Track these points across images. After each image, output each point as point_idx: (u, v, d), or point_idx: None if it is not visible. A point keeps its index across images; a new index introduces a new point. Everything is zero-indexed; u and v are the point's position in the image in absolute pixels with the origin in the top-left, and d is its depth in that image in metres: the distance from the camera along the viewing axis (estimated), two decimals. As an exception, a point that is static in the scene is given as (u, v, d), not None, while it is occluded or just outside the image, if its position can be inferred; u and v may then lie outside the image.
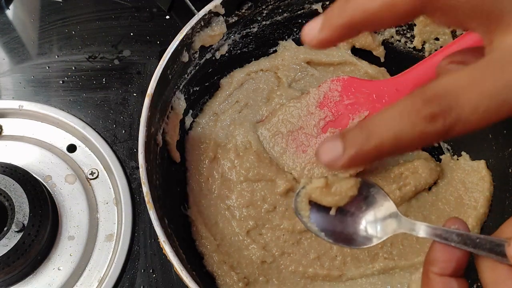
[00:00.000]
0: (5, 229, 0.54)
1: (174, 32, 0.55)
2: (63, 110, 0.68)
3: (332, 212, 0.36)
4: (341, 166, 0.28)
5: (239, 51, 0.64)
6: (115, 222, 0.62)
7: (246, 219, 0.57)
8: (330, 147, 0.28)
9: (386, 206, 0.35)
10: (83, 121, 0.67)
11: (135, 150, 0.66)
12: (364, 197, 0.36)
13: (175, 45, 0.54)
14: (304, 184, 0.37)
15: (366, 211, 0.35)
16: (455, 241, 0.31)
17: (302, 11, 0.63)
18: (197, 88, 0.62)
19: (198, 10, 0.56)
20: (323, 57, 0.65)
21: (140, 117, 0.50)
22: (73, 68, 0.72)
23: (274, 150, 0.60)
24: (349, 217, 0.35)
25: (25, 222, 0.54)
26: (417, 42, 0.63)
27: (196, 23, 0.55)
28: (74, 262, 0.59)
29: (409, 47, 0.65)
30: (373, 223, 0.35)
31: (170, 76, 0.55)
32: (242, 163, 0.59)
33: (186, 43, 0.55)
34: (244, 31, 0.63)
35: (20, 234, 0.54)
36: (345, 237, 0.35)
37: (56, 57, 0.73)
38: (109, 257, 0.60)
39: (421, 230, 0.33)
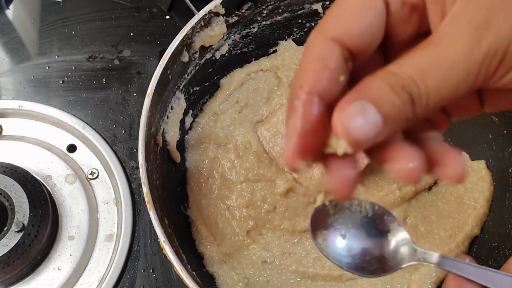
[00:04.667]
0: (5, 229, 0.54)
1: (174, 32, 0.55)
2: (63, 110, 0.67)
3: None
4: (382, 135, 0.25)
5: (239, 51, 0.64)
6: (115, 222, 0.62)
7: (246, 219, 0.57)
8: (357, 113, 0.25)
9: (400, 236, 0.35)
10: (83, 121, 0.67)
11: (135, 150, 0.66)
12: (377, 225, 0.35)
13: (175, 45, 0.54)
14: (321, 202, 0.36)
15: (380, 240, 0.35)
16: (471, 274, 0.31)
17: (302, 11, 0.63)
18: (197, 88, 0.62)
19: (198, 10, 0.56)
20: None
21: (140, 117, 0.50)
22: (73, 68, 0.72)
23: (274, 150, 0.60)
24: (362, 245, 0.35)
25: (25, 222, 0.54)
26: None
27: (196, 23, 0.55)
28: (74, 262, 0.59)
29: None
30: (387, 252, 0.35)
31: (170, 76, 0.55)
32: (242, 163, 0.59)
33: (186, 43, 0.55)
34: (244, 31, 0.63)
35: (20, 234, 0.54)
36: (357, 264, 0.35)
37: (56, 57, 0.73)
38: (109, 257, 0.60)
39: (436, 260, 0.33)
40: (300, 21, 0.64)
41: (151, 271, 0.60)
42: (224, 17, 0.58)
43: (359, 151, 0.26)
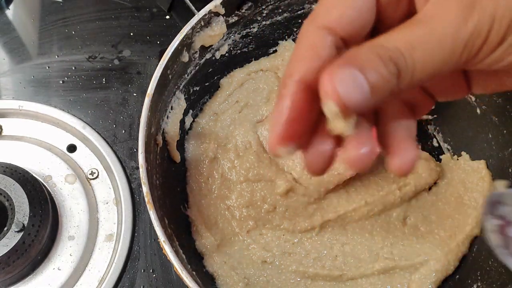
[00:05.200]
0: (5, 229, 0.54)
1: (174, 32, 0.55)
2: (63, 110, 0.68)
3: None
4: (367, 104, 0.25)
5: (239, 51, 0.64)
6: (115, 222, 0.62)
7: (246, 219, 0.57)
8: (347, 78, 0.25)
9: None
10: (83, 121, 0.67)
11: (135, 150, 0.66)
12: None
13: (175, 45, 0.54)
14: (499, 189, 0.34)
15: None
16: None
17: (302, 11, 0.63)
18: (197, 88, 0.62)
19: (198, 10, 0.56)
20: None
21: (140, 117, 0.50)
22: (73, 68, 0.72)
23: (274, 150, 0.60)
24: None
25: (25, 222, 0.54)
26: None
27: (196, 23, 0.55)
28: (74, 262, 0.59)
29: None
30: None
31: (170, 76, 0.55)
32: (242, 163, 0.59)
33: (186, 43, 0.55)
34: (244, 31, 0.63)
35: (20, 234, 0.54)
36: None
37: (56, 57, 0.73)
38: (109, 257, 0.60)
39: None
40: (300, 21, 0.64)
41: (151, 271, 0.60)
42: (224, 17, 0.58)
43: (346, 116, 0.26)
